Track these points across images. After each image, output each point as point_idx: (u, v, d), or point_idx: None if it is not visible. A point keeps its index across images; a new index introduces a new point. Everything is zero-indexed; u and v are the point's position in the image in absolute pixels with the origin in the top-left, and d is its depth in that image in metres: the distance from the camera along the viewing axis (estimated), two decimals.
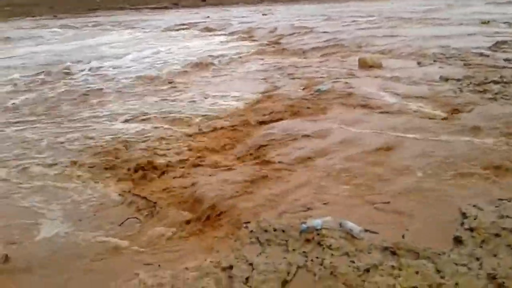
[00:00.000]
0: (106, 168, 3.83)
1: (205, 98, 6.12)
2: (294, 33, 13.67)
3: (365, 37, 11.43)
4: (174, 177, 3.49)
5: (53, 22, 21.26)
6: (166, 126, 4.89)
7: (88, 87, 7.07)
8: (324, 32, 13.21)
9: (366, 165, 3.30)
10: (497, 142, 3.58)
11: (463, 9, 24.14)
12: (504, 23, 13.74)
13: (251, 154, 3.90)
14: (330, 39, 11.68)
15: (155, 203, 2.99)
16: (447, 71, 6.93)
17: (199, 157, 3.91)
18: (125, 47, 11.78)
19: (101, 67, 8.86)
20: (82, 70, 8.48)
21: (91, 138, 4.54)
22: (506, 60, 7.55)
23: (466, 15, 18.20)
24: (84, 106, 5.98)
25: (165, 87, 7.02)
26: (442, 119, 4.48)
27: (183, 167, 3.72)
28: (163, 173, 3.63)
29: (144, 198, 3.10)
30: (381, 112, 4.76)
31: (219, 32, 15.57)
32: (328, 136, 4.00)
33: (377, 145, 3.68)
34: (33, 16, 26.72)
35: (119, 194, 3.32)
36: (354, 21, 16.72)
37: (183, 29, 16.78)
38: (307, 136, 4.06)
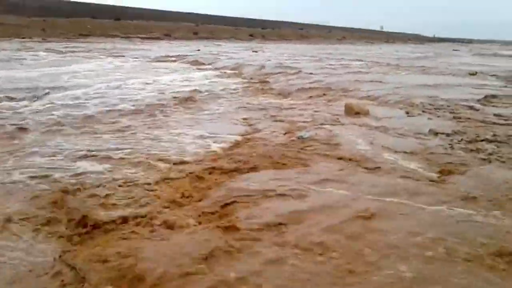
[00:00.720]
0: (44, 221, 3.21)
1: (177, 138, 5.57)
2: (281, 72, 13.36)
3: (353, 82, 11.15)
4: (118, 238, 2.89)
5: (40, 46, 20.79)
6: (124, 169, 4.30)
7: (24, 121, 6.22)
8: (311, 73, 12.93)
9: (344, 239, 2.75)
10: (500, 218, 3.07)
11: (451, 59, 24.39)
12: (492, 75, 13.64)
13: (215, 213, 3.34)
14: (317, 81, 11.36)
15: (83, 278, 2.39)
16: (436, 123, 6.55)
17: (154, 212, 3.32)
18: (94, 77, 11.03)
19: (52, 97, 8.07)
20: (25, 102, 7.70)
21: (30, 180, 3.90)
22: (496, 115, 7.21)
23: (453, 65, 18.25)
24: (14, 143, 5.17)
25: (127, 124, 6.40)
26: (431, 181, 3.99)
27: (134, 224, 3.14)
28: (109, 231, 3.03)
29: (74, 268, 2.49)
30: (366, 169, 4.27)
31: (206, 67, 15.22)
32: (306, 197, 3.46)
33: (359, 213, 3.14)
34: (23, 38, 26.27)
35: (53, 258, 2.70)
36: (342, 64, 16.58)
37: (170, 61, 16.41)
38: (283, 195, 3.51)
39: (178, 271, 2.36)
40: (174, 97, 8.48)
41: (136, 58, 16.92)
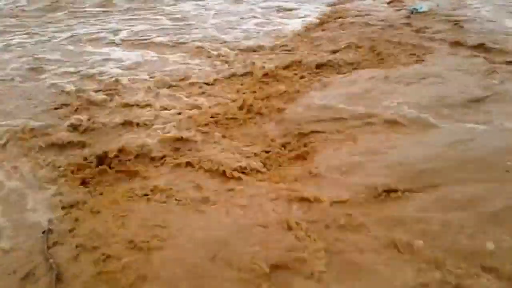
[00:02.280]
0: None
1: (247, 12, 4.20)
2: None
3: None
4: (140, 195, 1.86)
5: None
6: (177, 59, 3.19)
7: None
8: None
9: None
10: None
11: None
12: None
13: (288, 147, 2.15)
14: None
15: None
16: None
17: (200, 140, 2.21)
18: None
19: None
20: None
21: (59, 78, 2.93)
22: None
23: None
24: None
25: None
26: None
27: (169, 163, 2.08)
28: (133, 174, 2.01)
29: (49, 263, 1.52)
30: None
31: None
32: (429, 130, 2.10)
33: None
34: None
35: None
36: None
37: None
38: (393, 123, 2.17)
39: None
40: None
41: None
